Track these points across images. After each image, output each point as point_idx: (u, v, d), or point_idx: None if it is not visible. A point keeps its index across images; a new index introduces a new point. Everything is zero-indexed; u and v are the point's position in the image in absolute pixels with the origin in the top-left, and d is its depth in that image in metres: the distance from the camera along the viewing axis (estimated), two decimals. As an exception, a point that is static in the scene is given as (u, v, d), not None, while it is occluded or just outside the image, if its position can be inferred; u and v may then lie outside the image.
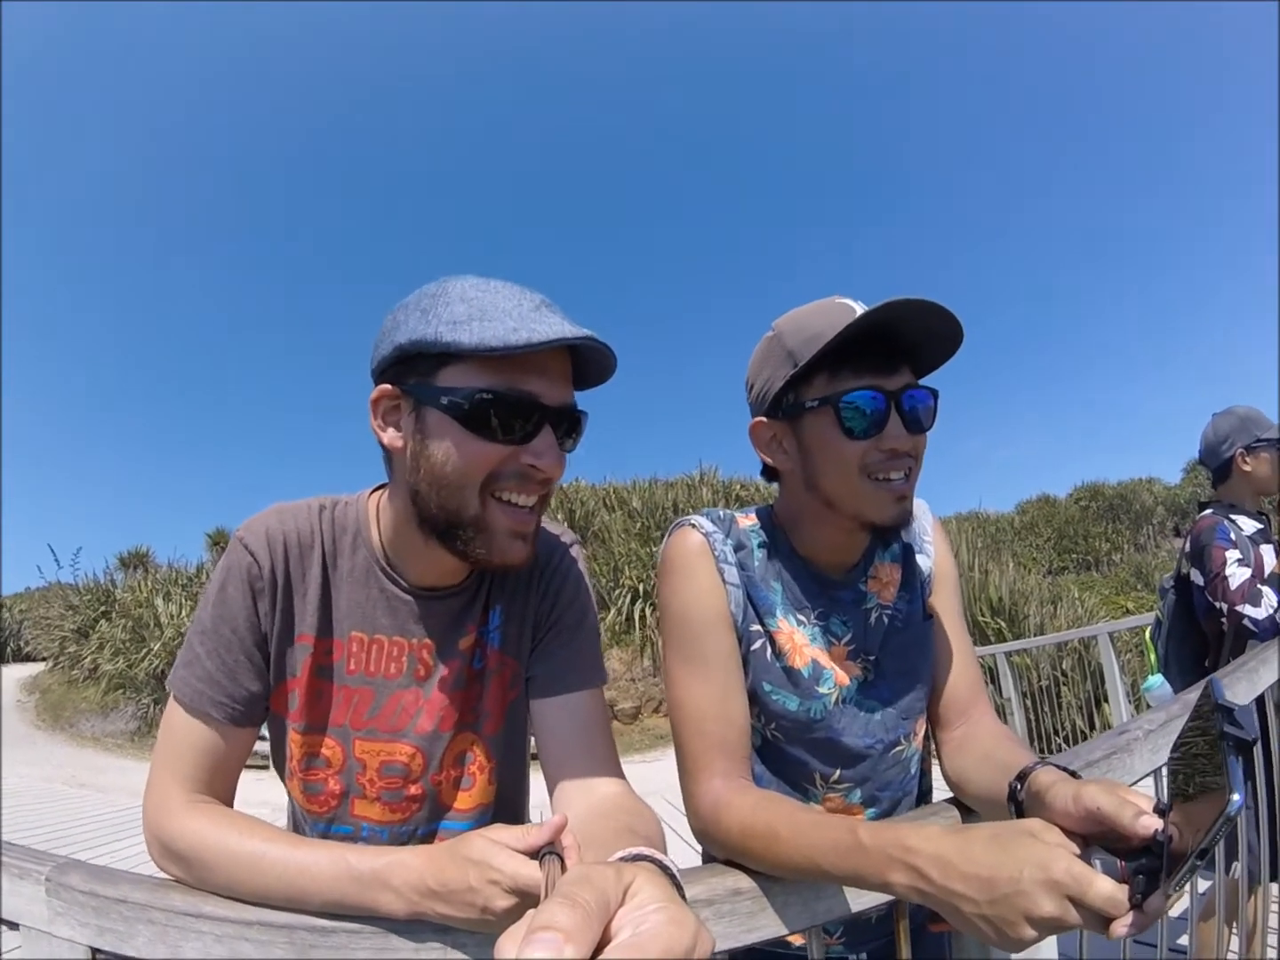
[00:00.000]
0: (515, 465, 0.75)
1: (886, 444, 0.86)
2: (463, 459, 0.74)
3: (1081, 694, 5.72)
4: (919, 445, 0.89)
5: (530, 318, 0.72)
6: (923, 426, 0.89)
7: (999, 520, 19.54)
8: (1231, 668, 1.31)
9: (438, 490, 0.76)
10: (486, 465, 0.74)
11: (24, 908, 0.72)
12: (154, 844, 0.76)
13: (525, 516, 0.78)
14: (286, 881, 0.67)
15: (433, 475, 0.75)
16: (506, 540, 0.77)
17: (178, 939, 0.67)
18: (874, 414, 0.86)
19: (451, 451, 0.74)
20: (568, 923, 0.34)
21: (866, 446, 0.87)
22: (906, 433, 0.87)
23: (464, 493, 0.75)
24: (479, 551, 0.77)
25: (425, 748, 0.85)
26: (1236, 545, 2.12)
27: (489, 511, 0.76)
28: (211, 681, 0.79)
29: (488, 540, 0.77)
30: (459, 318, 0.72)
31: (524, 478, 0.76)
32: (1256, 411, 2.29)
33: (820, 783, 0.96)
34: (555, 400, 0.76)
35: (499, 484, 0.76)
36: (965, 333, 0.85)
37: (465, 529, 0.76)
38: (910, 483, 0.90)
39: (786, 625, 0.95)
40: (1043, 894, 0.55)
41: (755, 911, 0.72)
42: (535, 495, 0.78)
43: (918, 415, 0.88)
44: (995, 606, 8.21)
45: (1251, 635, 1.99)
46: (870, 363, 0.87)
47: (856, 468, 0.88)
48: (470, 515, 0.76)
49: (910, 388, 0.88)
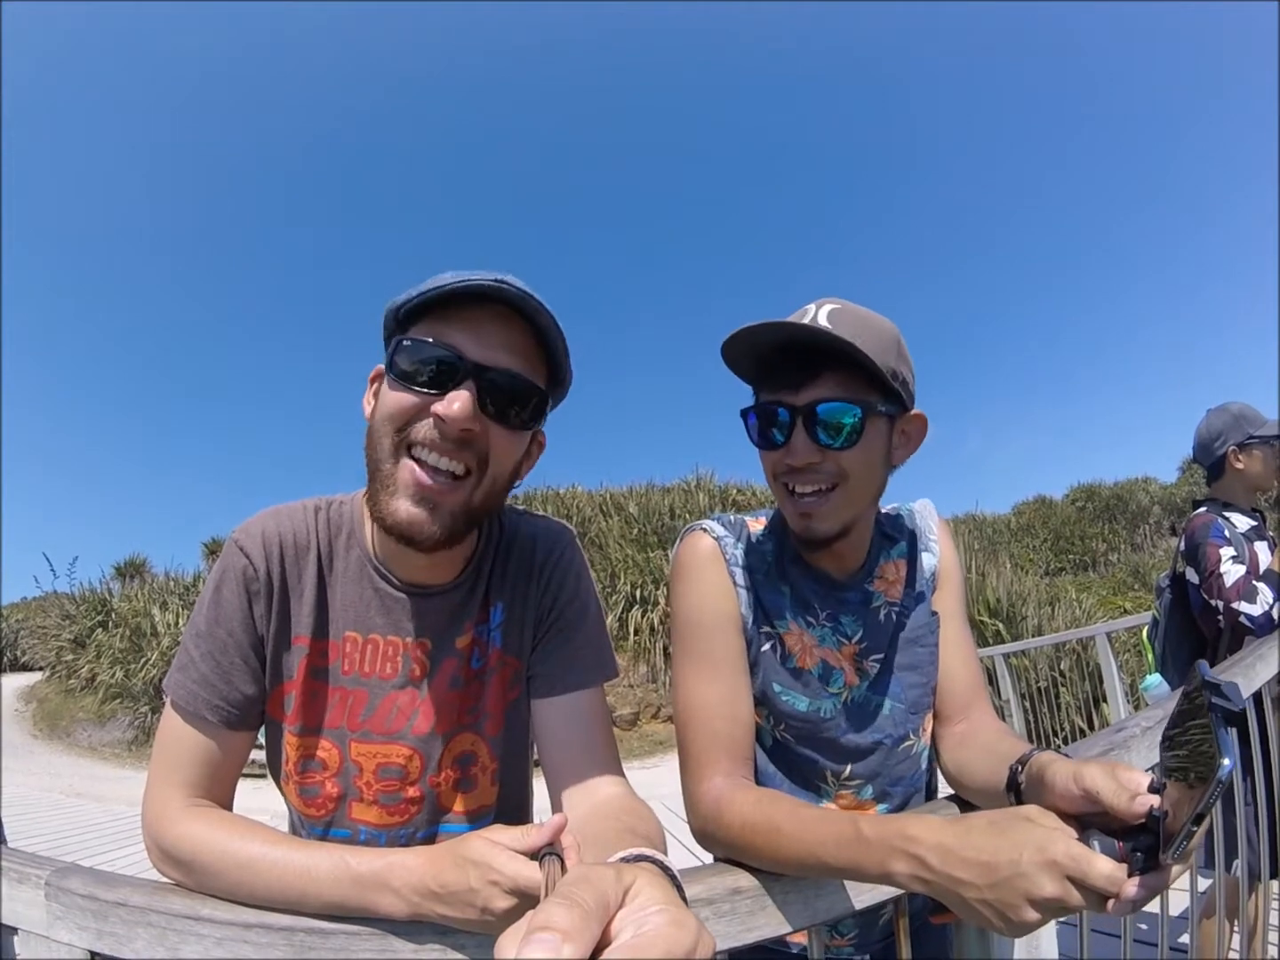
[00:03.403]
0: (427, 416, 0.74)
1: (786, 458, 0.88)
2: (383, 406, 0.76)
3: (1080, 694, 5.72)
4: (840, 461, 0.86)
5: (468, 278, 0.73)
6: (833, 443, 0.85)
7: (996, 522, 19.53)
8: (1228, 664, 1.32)
9: (369, 445, 0.78)
10: (400, 413, 0.75)
11: (24, 912, 0.72)
12: (153, 849, 0.75)
13: (436, 480, 0.75)
14: (286, 884, 0.67)
15: (369, 431, 0.78)
16: (408, 501, 0.75)
17: (177, 942, 0.67)
18: (774, 428, 0.89)
19: (380, 402, 0.77)
20: (566, 923, 0.34)
21: (776, 457, 0.90)
22: (813, 447, 0.85)
23: (382, 442, 0.76)
24: (380, 510, 0.76)
25: (423, 749, 0.85)
26: (1231, 542, 2.12)
27: (399, 466, 0.76)
28: (207, 684, 0.79)
29: (390, 498, 0.75)
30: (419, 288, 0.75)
31: (439, 435, 0.74)
32: (1250, 408, 2.29)
33: (832, 780, 0.96)
34: (480, 358, 0.74)
35: (414, 437, 0.75)
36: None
37: (376, 483, 0.76)
38: (827, 501, 0.87)
39: (796, 627, 0.96)
40: (1043, 875, 0.55)
41: (755, 910, 0.72)
42: (456, 461, 0.75)
43: (827, 430, 0.85)
44: (993, 608, 8.21)
45: (1248, 632, 2.00)
46: (779, 377, 0.88)
47: (772, 476, 0.92)
48: (385, 470, 0.76)
49: (820, 402, 0.85)
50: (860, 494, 0.89)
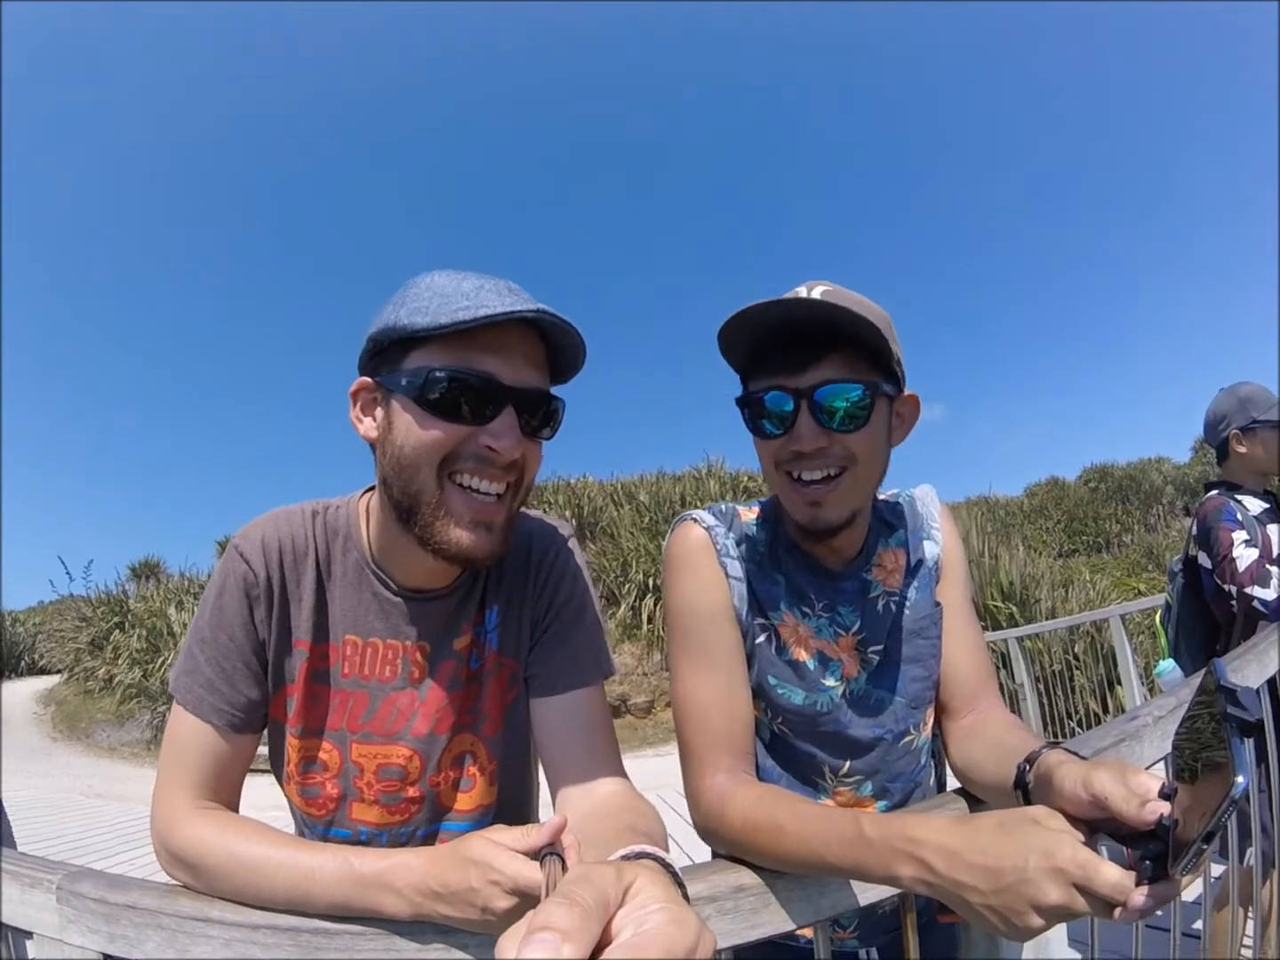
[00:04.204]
0: (473, 447, 0.75)
1: (792, 444, 0.85)
2: (419, 439, 0.74)
3: (1094, 677, 5.68)
4: (847, 444, 0.84)
5: (488, 298, 0.72)
6: (842, 425, 0.84)
7: (1008, 504, 19.37)
8: (1241, 650, 1.30)
9: (399, 473, 0.76)
10: (442, 445, 0.74)
11: (36, 916, 0.73)
12: (162, 851, 0.76)
13: (487, 504, 0.77)
14: (291, 885, 0.67)
15: (396, 459, 0.76)
16: (465, 528, 0.76)
17: (186, 943, 0.68)
18: (776, 414, 0.86)
19: (409, 432, 0.75)
20: (565, 922, 0.34)
21: (778, 445, 0.87)
22: (819, 430, 0.84)
23: (421, 474, 0.75)
24: (436, 539, 0.76)
25: (422, 750, 0.85)
26: (1243, 526, 2.09)
27: (447, 495, 0.76)
28: (212, 688, 0.80)
29: (445, 527, 0.76)
30: (423, 304, 0.73)
31: (483, 460, 0.75)
32: (1261, 390, 2.24)
33: (830, 776, 0.95)
34: (515, 381, 0.75)
35: (457, 465, 0.75)
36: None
37: (423, 512, 0.76)
38: (836, 485, 0.86)
39: (791, 618, 0.94)
40: (1049, 882, 0.54)
41: (758, 908, 0.71)
42: (499, 482, 0.77)
43: (834, 412, 0.83)
44: (1006, 591, 8.15)
45: (1261, 617, 1.97)
46: (778, 361, 0.85)
47: (772, 465, 0.89)
48: (428, 499, 0.76)
49: (825, 383, 0.83)
50: (868, 478, 0.88)
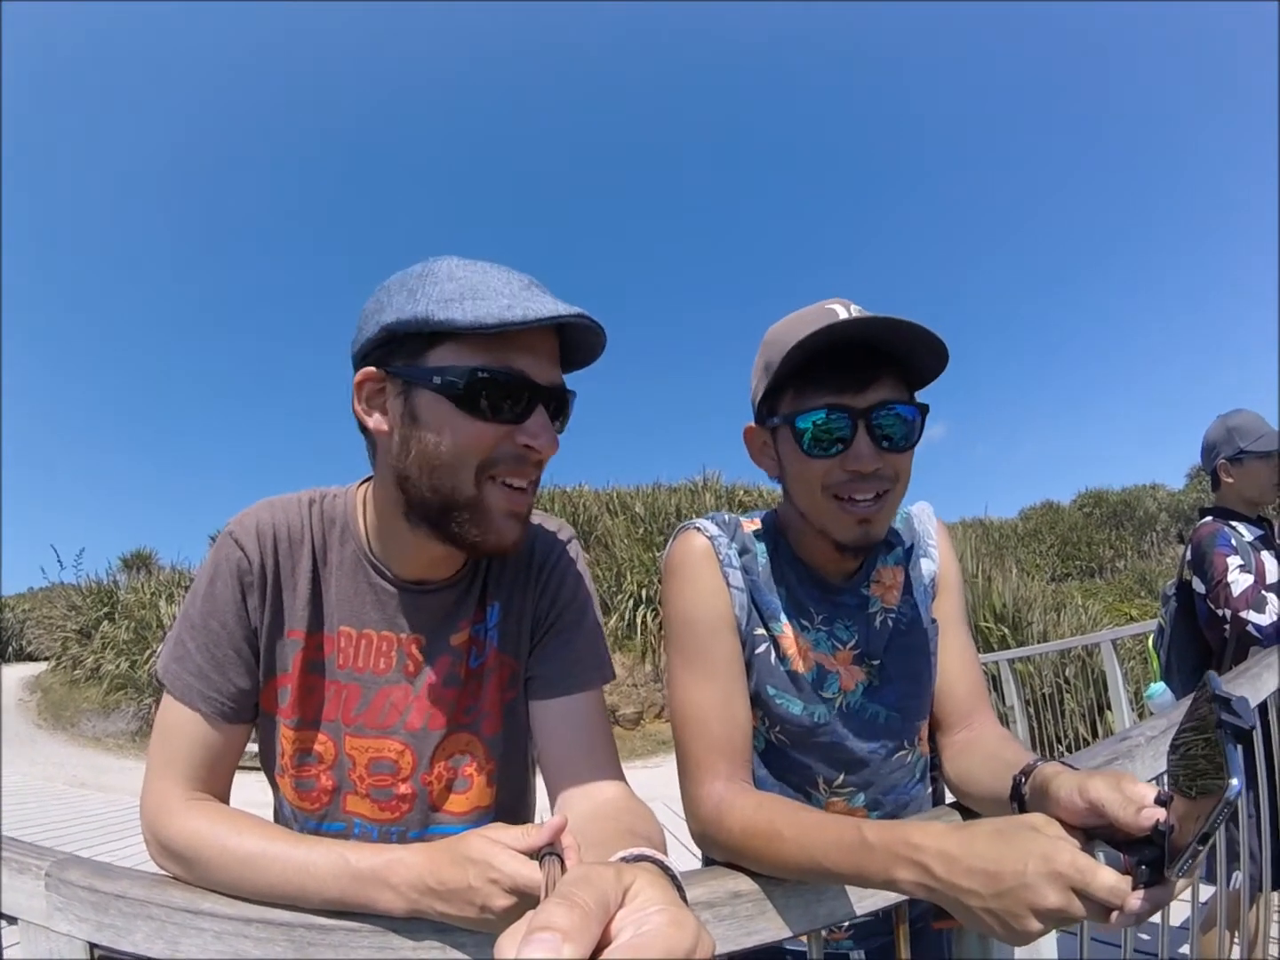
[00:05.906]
0: (510, 446, 0.75)
1: (850, 464, 0.84)
2: (459, 440, 0.73)
3: (1084, 701, 5.69)
4: (896, 464, 0.85)
5: (522, 296, 0.72)
6: (898, 445, 0.85)
7: (1003, 526, 19.43)
8: (1235, 673, 1.31)
9: (430, 473, 0.75)
10: (483, 446, 0.74)
11: (23, 902, 0.72)
12: (152, 842, 0.76)
13: (521, 497, 0.78)
14: (285, 879, 0.67)
15: (425, 458, 0.74)
16: (503, 522, 0.77)
17: (176, 935, 0.67)
18: (835, 434, 0.84)
19: (446, 433, 0.73)
20: (566, 923, 0.34)
21: (829, 465, 0.85)
22: (876, 451, 0.83)
23: (459, 475, 0.74)
24: (474, 534, 0.76)
25: (415, 745, 0.85)
26: (1238, 551, 2.11)
27: (486, 493, 0.75)
28: (202, 676, 0.79)
29: (484, 523, 0.76)
30: (450, 296, 0.71)
31: (520, 459, 0.76)
32: (1252, 419, 2.26)
33: (824, 787, 0.95)
34: (545, 379, 0.75)
35: (496, 466, 0.75)
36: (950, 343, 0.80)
37: (460, 512, 0.76)
38: (882, 504, 0.86)
39: (791, 629, 0.95)
40: (1047, 886, 0.55)
41: (755, 914, 0.71)
42: (530, 476, 0.78)
43: (892, 433, 0.84)
44: (999, 613, 8.16)
45: (1255, 641, 1.99)
46: (837, 379, 0.84)
47: (819, 486, 0.87)
48: (465, 498, 0.75)
49: (884, 404, 0.83)
50: (902, 495, 0.89)
